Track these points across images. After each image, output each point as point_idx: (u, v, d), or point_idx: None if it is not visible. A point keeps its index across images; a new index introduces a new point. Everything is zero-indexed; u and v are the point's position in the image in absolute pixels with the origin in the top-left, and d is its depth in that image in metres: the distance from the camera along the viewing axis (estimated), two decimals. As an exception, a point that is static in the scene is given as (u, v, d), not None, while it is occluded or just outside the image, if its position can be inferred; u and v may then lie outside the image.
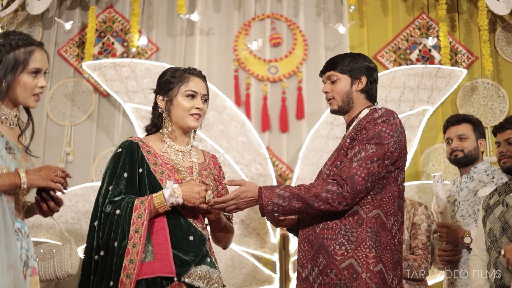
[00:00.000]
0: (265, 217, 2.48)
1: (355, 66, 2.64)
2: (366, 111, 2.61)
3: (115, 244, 2.31)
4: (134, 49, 5.16)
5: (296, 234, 2.74)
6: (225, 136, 4.86)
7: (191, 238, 2.43)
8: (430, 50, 5.29)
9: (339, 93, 2.63)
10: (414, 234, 3.55)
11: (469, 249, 3.27)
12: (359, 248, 2.37)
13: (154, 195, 2.39)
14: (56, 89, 5.28)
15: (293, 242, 4.69)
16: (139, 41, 5.15)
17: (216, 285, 2.46)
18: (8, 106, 2.34)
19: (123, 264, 2.28)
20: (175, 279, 2.33)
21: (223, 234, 2.67)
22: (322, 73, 2.72)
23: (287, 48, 5.34)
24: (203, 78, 2.69)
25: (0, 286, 2.06)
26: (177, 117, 2.58)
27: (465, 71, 5.07)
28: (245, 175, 4.74)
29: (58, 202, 2.34)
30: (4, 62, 2.27)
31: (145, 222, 2.32)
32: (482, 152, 3.56)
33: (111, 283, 2.27)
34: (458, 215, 3.43)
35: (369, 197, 2.43)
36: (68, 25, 5.19)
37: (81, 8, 5.44)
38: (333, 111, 2.69)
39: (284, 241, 4.74)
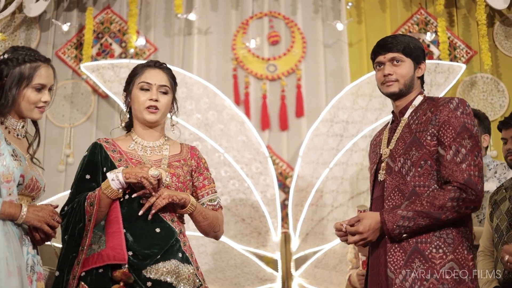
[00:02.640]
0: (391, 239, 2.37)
1: (418, 50, 2.53)
2: (420, 97, 2.53)
3: (66, 237, 2.35)
4: (132, 50, 5.16)
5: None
6: (224, 135, 4.85)
7: (157, 230, 2.38)
8: (428, 46, 5.29)
9: (404, 76, 2.50)
10: None
11: (472, 246, 3.26)
12: (457, 250, 2.32)
13: (103, 182, 2.37)
14: (54, 91, 5.27)
15: (295, 240, 4.69)
16: (137, 41, 5.15)
17: (186, 281, 2.37)
18: (15, 117, 2.41)
19: (68, 254, 2.33)
20: (126, 266, 2.27)
21: (206, 225, 2.54)
22: (384, 52, 2.53)
23: (285, 46, 5.33)
24: (164, 69, 2.59)
25: None
26: (135, 111, 2.56)
27: (464, 66, 5.07)
28: (246, 174, 4.74)
29: (47, 238, 2.38)
30: (10, 76, 2.35)
31: (94, 209, 2.32)
32: (486, 148, 3.54)
33: (56, 272, 2.33)
34: (460, 210, 3.41)
35: None
36: (65, 27, 5.19)
37: (78, 10, 5.43)
38: (391, 94, 2.53)
39: (285, 240, 4.73)
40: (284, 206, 4.93)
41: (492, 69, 5.17)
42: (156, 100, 2.50)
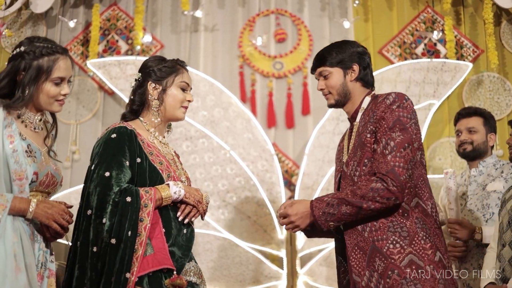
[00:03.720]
0: (323, 229, 2.40)
1: (343, 56, 2.58)
2: (368, 99, 2.56)
3: (129, 233, 2.23)
4: (138, 47, 5.15)
5: (308, 235, 2.72)
6: (230, 132, 4.85)
7: (184, 230, 2.42)
8: (435, 44, 5.27)
9: (334, 87, 2.57)
10: None
11: (479, 245, 3.26)
12: (414, 242, 2.32)
13: (159, 187, 2.36)
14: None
15: (300, 238, 4.69)
16: (144, 38, 5.15)
17: (201, 279, 2.46)
18: (32, 111, 2.37)
19: (132, 254, 2.23)
20: (175, 272, 2.30)
21: None
22: (313, 70, 2.66)
23: (292, 43, 5.33)
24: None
25: (19, 285, 2.10)
26: (170, 107, 2.57)
27: (470, 65, 5.06)
28: (251, 171, 4.74)
29: (57, 235, 2.34)
30: (28, 70, 2.29)
31: (150, 212, 2.28)
32: (492, 147, 3.53)
33: (127, 274, 2.19)
34: (467, 209, 3.41)
35: None
36: (72, 24, 5.19)
37: (85, 6, 5.44)
38: (330, 106, 2.63)
39: (291, 237, 4.73)
40: (289, 204, 4.92)
41: (498, 68, 5.15)
42: (191, 101, 2.64)
